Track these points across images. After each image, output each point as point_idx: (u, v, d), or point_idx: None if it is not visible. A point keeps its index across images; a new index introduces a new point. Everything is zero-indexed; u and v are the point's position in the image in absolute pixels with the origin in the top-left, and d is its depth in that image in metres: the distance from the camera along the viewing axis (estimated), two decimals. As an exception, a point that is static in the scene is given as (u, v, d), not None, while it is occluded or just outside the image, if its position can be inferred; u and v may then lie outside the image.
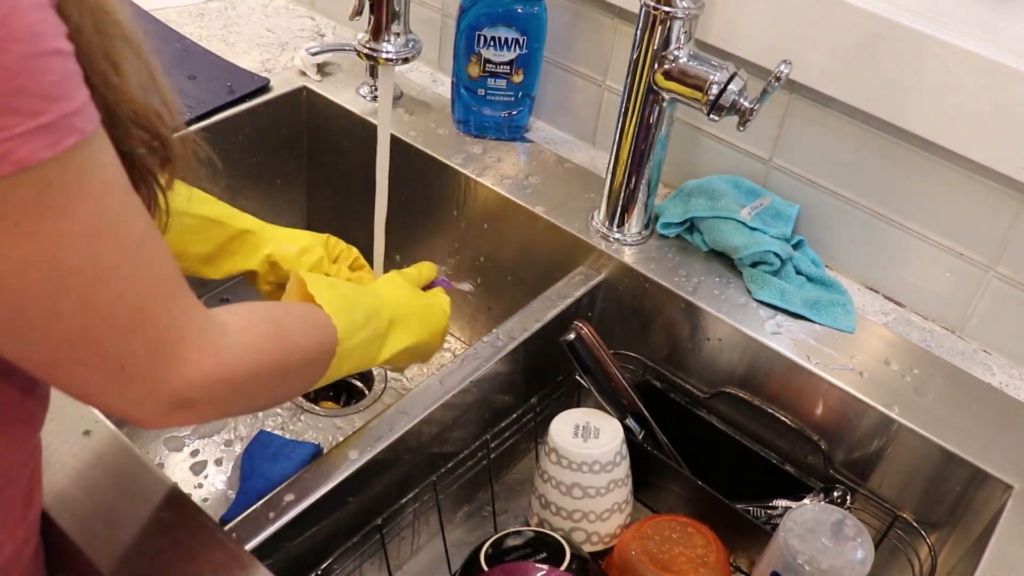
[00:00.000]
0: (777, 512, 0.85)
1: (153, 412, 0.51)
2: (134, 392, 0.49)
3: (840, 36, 0.84)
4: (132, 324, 0.47)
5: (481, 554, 0.75)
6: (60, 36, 0.42)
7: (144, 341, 0.48)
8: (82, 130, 0.43)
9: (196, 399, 0.51)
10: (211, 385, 0.52)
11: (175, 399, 0.50)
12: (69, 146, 0.42)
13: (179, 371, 0.50)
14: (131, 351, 0.48)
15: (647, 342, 0.94)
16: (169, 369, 0.50)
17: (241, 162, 1.10)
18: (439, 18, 1.15)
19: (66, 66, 0.42)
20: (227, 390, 0.54)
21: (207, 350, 0.51)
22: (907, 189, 0.88)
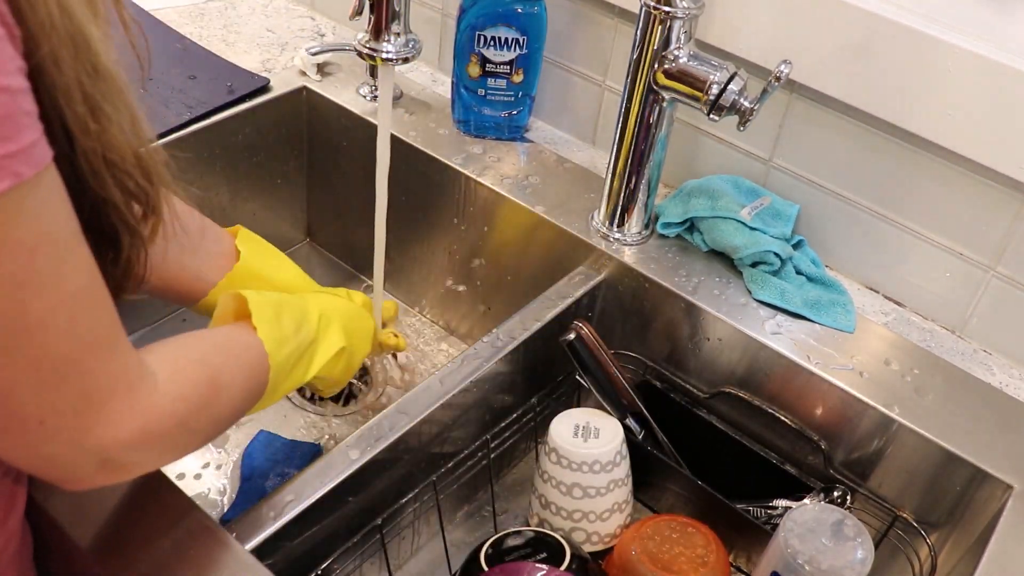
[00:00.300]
0: (777, 512, 0.85)
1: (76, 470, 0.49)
2: (54, 449, 0.47)
3: (840, 36, 0.84)
4: (56, 379, 0.45)
5: (481, 554, 0.75)
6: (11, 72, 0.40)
7: (69, 396, 0.46)
8: (18, 174, 0.40)
9: (122, 459, 0.50)
10: (139, 443, 0.50)
11: (100, 457, 0.49)
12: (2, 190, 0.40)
13: (105, 430, 0.48)
14: (53, 406, 0.46)
15: (647, 342, 0.94)
16: (95, 427, 0.48)
17: (241, 162, 1.10)
18: (439, 18, 1.15)
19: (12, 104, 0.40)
20: (155, 445, 0.52)
21: (136, 408, 0.49)
22: (907, 189, 0.88)
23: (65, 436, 0.47)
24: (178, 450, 0.56)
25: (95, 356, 0.47)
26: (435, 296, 1.14)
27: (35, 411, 0.45)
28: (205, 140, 1.04)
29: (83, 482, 0.50)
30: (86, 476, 0.50)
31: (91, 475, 0.50)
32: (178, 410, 0.53)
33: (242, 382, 0.63)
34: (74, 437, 0.47)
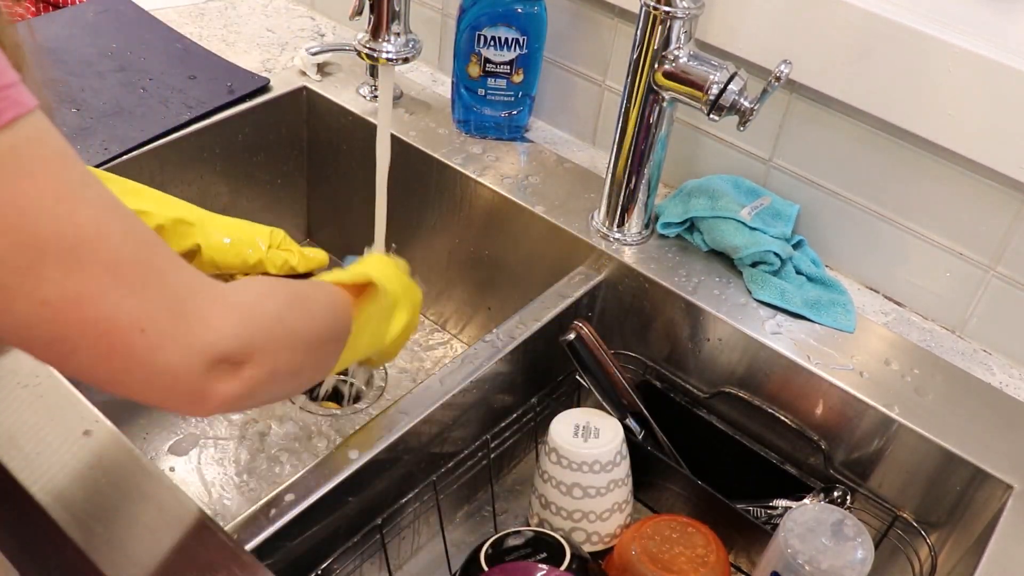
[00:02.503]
0: (777, 512, 0.85)
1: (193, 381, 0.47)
2: (165, 358, 0.45)
3: (840, 36, 0.84)
4: (138, 281, 0.45)
5: (481, 554, 0.75)
6: None
7: (157, 298, 0.45)
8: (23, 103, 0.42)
9: (234, 351, 0.48)
10: (243, 332, 0.49)
11: (212, 356, 0.47)
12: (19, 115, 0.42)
13: (208, 325, 0.47)
14: (147, 310, 0.45)
15: (647, 342, 0.94)
16: (193, 325, 0.46)
17: (241, 162, 1.10)
18: (439, 18, 1.15)
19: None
20: (261, 336, 0.50)
21: (226, 300, 0.49)
22: (907, 189, 0.88)
23: (169, 340, 0.45)
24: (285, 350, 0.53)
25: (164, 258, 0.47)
26: (435, 296, 1.14)
27: (129, 320, 0.44)
28: (205, 140, 1.04)
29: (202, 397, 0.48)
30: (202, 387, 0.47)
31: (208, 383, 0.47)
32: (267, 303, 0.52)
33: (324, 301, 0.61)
34: (178, 339, 0.46)
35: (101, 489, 0.65)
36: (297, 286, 0.58)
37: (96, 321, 0.43)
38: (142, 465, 0.67)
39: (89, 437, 0.68)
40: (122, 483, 0.65)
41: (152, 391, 0.47)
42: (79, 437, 0.68)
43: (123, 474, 0.66)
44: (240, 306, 0.50)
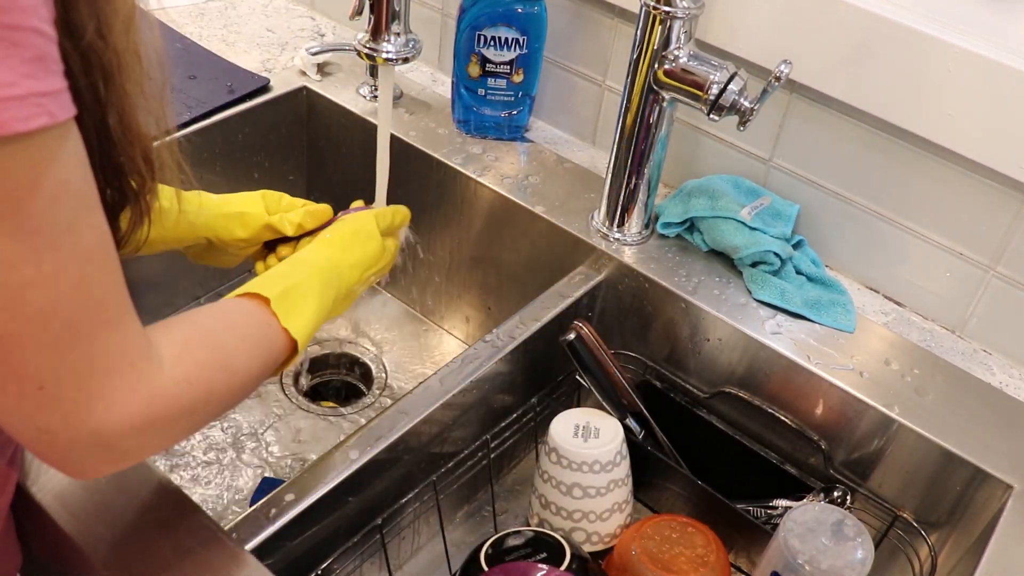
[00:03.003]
0: (777, 512, 0.85)
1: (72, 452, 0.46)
2: (51, 421, 0.45)
3: (840, 36, 0.84)
4: (61, 341, 0.43)
5: (481, 554, 0.75)
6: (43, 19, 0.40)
7: (71, 363, 0.44)
8: (53, 114, 0.40)
9: (121, 445, 0.47)
10: (139, 428, 0.47)
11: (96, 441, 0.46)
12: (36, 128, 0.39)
13: (104, 409, 0.46)
14: (54, 370, 0.44)
15: (647, 342, 0.94)
16: (93, 403, 0.45)
17: (241, 162, 1.10)
18: (439, 18, 1.15)
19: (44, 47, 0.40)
20: (157, 431, 0.49)
21: (138, 389, 0.47)
22: (907, 189, 0.88)
23: (63, 408, 0.45)
24: (179, 435, 0.53)
25: (102, 324, 0.45)
26: (435, 296, 1.14)
27: (35, 372, 0.43)
28: (205, 140, 1.04)
29: (79, 467, 0.48)
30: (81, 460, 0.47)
31: (86, 460, 0.47)
32: (183, 395, 0.50)
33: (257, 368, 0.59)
34: (71, 412, 0.45)
35: (101, 489, 0.65)
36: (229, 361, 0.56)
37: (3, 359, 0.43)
38: (142, 465, 0.67)
39: (89, 437, 0.68)
40: (122, 483, 0.65)
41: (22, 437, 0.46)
42: (79, 437, 0.68)
43: (123, 474, 0.66)
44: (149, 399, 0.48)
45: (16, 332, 0.42)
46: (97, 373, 0.45)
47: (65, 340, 0.44)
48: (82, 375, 0.45)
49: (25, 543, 0.67)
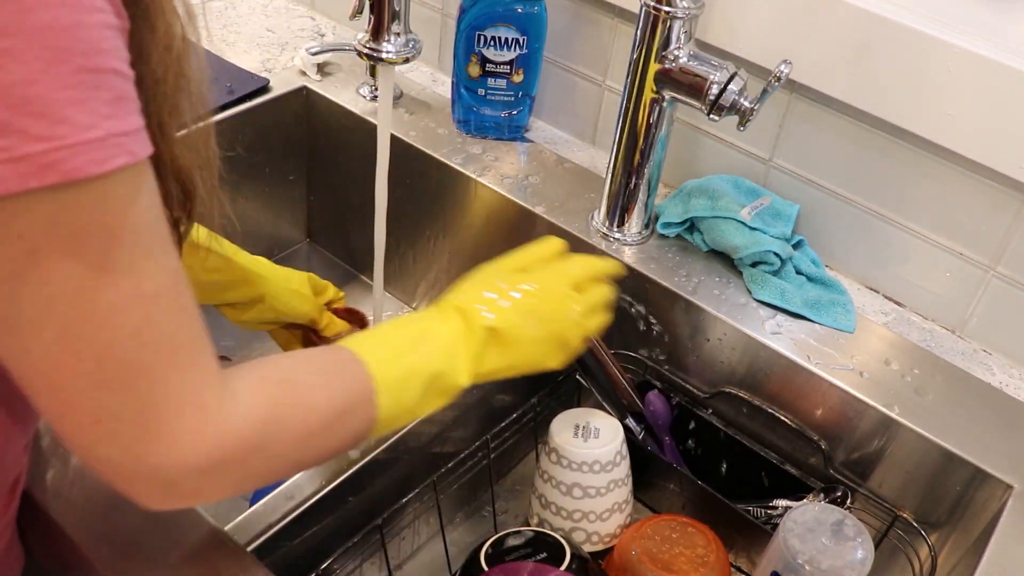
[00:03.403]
0: (777, 512, 0.85)
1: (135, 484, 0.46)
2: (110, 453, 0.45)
3: (840, 36, 0.84)
4: (119, 382, 0.43)
5: (481, 554, 0.75)
6: (121, 59, 0.41)
7: (132, 403, 0.44)
8: (133, 153, 0.41)
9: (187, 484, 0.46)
10: (206, 469, 0.46)
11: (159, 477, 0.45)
12: (118, 167, 0.40)
13: (169, 449, 0.45)
14: (111, 409, 0.44)
15: (647, 342, 0.94)
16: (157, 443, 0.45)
17: (241, 162, 1.10)
18: (439, 18, 1.15)
19: (123, 88, 0.41)
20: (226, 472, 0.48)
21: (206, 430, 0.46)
22: (907, 189, 0.88)
23: (123, 444, 0.44)
24: (254, 479, 0.50)
25: (168, 366, 0.45)
26: (435, 296, 1.14)
27: (90, 407, 0.43)
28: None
29: (144, 498, 0.47)
30: (147, 493, 0.47)
31: (155, 495, 0.47)
32: (255, 433, 0.48)
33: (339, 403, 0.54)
34: (133, 448, 0.44)
35: (101, 489, 0.65)
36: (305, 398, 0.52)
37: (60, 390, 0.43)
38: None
39: (89, 437, 0.68)
40: (122, 483, 0.65)
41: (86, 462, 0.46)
42: (79, 437, 0.68)
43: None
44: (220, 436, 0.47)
45: (71, 367, 0.43)
46: (161, 412, 0.45)
47: (121, 379, 0.43)
48: (143, 413, 0.44)
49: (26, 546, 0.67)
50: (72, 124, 0.38)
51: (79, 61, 0.38)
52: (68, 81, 0.38)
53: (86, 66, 0.39)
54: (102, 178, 0.40)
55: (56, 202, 0.39)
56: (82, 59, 0.38)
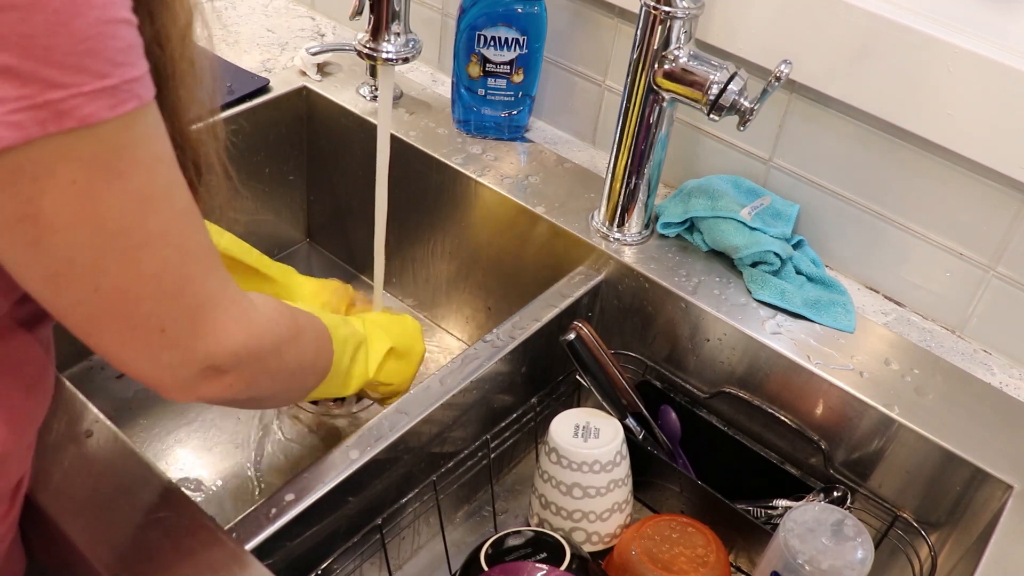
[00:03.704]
0: (777, 512, 0.85)
1: (185, 378, 0.52)
2: (170, 357, 0.51)
3: (840, 36, 0.84)
4: (175, 290, 0.50)
5: (481, 554, 0.75)
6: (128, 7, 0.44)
7: (186, 306, 0.50)
8: (141, 97, 0.45)
9: (226, 367, 0.54)
10: (241, 355, 0.54)
11: (206, 365, 0.52)
12: (129, 110, 0.44)
13: (215, 338, 0.52)
14: (172, 315, 0.50)
15: (647, 342, 0.94)
16: (206, 335, 0.52)
17: (241, 162, 1.10)
18: (439, 18, 1.15)
19: (132, 36, 0.44)
20: (254, 362, 0.56)
21: (241, 321, 0.54)
22: (907, 189, 0.88)
23: (182, 343, 0.51)
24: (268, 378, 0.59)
25: (204, 270, 0.51)
26: (435, 296, 1.14)
27: (157, 321, 0.49)
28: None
29: (187, 391, 0.53)
30: (190, 384, 0.53)
31: (196, 384, 0.53)
32: (273, 332, 0.57)
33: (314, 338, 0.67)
34: (189, 344, 0.51)
35: (101, 489, 0.65)
36: (298, 320, 0.63)
37: (130, 316, 0.49)
38: (142, 465, 0.67)
39: (90, 437, 0.68)
40: (122, 483, 0.65)
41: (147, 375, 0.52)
42: (79, 437, 0.68)
43: (123, 474, 0.66)
44: (251, 327, 0.55)
45: (137, 291, 0.48)
46: (209, 310, 0.52)
47: (177, 288, 0.50)
48: (197, 315, 0.51)
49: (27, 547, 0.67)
50: (89, 73, 0.42)
51: (96, 13, 0.41)
52: (87, 33, 0.41)
53: (102, 18, 0.42)
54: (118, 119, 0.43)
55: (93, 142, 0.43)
56: (99, 11, 0.42)
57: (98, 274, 0.47)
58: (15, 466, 0.59)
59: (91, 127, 0.42)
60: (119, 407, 0.99)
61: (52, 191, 0.43)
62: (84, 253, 0.46)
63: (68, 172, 0.43)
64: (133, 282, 0.48)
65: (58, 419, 0.69)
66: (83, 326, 0.49)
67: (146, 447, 0.96)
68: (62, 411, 0.69)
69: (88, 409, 0.70)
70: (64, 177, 0.43)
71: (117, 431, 0.69)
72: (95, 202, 0.45)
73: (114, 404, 1.00)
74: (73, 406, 0.70)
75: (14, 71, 0.40)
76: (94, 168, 0.44)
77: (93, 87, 0.42)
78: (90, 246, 0.46)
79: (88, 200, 0.44)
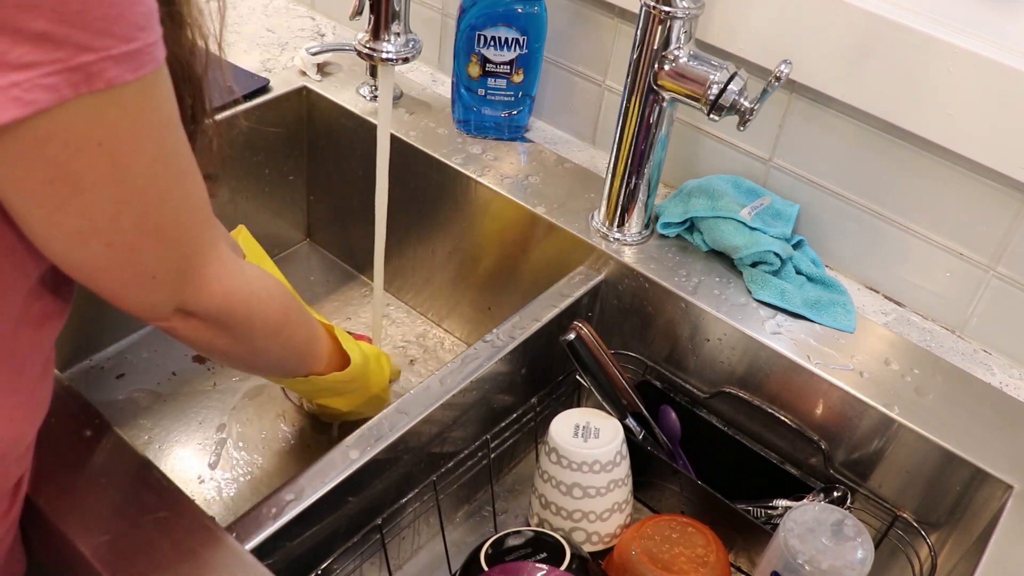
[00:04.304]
0: (777, 512, 0.85)
1: (161, 313, 0.58)
2: (155, 298, 0.56)
3: (840, 36, 0.84)
4: (173, 242, 0.54)
5: (481, 554, 0.75)
6: None
7: (179, 258, 0.55)
8: (157, 60, 0.47)
9: (196, 314, 0.59)
10: (213, 309, 0.59)
11: (181, 308, 0.58)
12: (148, 72, 0.46)
13: (194, 288, 0.57)
14: (166, 265, 0.54)
15: (647, 342, 0.94)
16: (188, 284, 0.56)
17: (241, 162, 1.10)
18: (439, 18, 1.15)
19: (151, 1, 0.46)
20: (223, 319, 0.60)
21: (222, 279, 0.59)
22: (907, 189, 0.88)
23: (168, 289, 0.56)
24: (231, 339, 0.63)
25: (200, 225, 0.56)
26: (435, 296, 1.14)
27: (153, 269, 0.54)
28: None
29: (159, 321, 0.58)
30: (164, 317, 0.58)
31: (168, 317, 0.58)
32: (251, 304, 0.62)
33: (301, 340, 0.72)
34: (173, 290, 0.56)
35: (101, 489, 0.65)
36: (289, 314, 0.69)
37: (133, 266, 0.53)
38: (142, 465, 0.67)
39: (90, 437, 0.68)
40: (122, 483, 0.65)
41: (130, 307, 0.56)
42: (80, 437, 0.68)
43: (123, 475, 0.66)
44: (229, 288, 0.59)
45: (142, 245, 0.52)
46: (196, 263, 0.56)
47: (173, 241, 0.54)
48: (186, 266, 0.56)
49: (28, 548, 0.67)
50: (116, 37, 0.44)
51: None
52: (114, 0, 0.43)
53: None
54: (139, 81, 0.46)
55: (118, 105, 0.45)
56: None
57: (113, 230, 0.49)
58: (15, 465, 0.59)
59: (117, 88, 0.44)
60: (119, 407, 0.99)
61: (83, 154, 0.45)
62: (105, 211, 0.48)
63: (96, 134, 0.45)
64: (141, 237, 0.51)
65: (58, 419, 0.68)
66: (89, 275, 0.52)
67: (146, 447, 0.96)
68: (62, 411, 0.69)
69: (88, 409, 0.70)
70: (93, 139, 0.45)
71: (117, 432, 0.69)
72: (117, 163, 0.47)
73: (114, 404, 1.00)
74: (73, 406, 0.70)
75: (48, 36, 0.41)
76: (119, 129, 0.46)
77: (120, 51, 0.44)
78: (111, 204, 0.48)
79: (112, 161, 0.47)
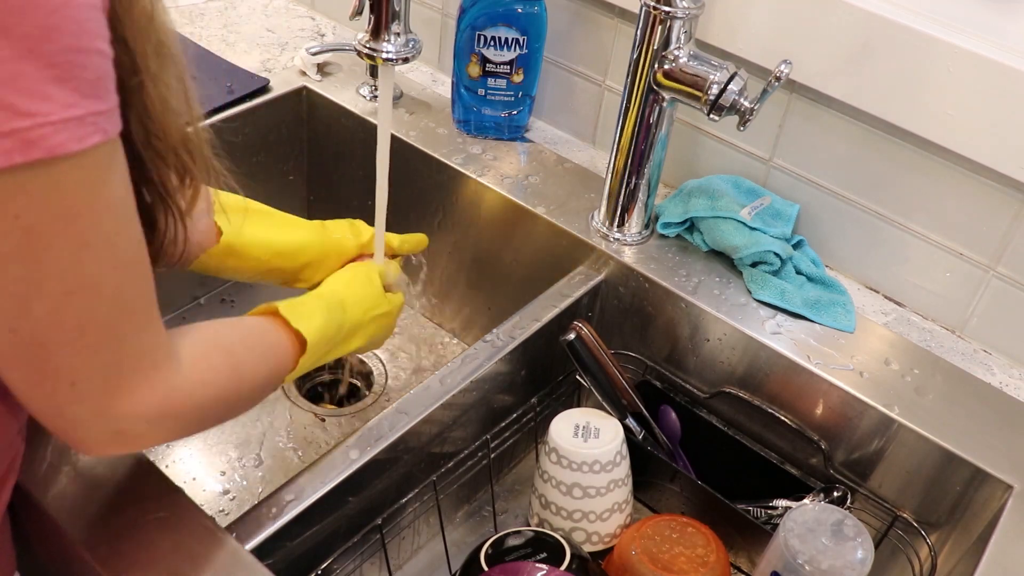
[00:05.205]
0: (777, 512, 0.85)
1: (92, 436, 0.50)
2: (78, 411, 0.49)
3: (840, 36, 0.84)
4: (95, 344, 0.47)
5: (481, 554, 0.75)
6: (104, 39, 0.43)
7: (102, 363, 0.48)
8: (106, 131, 0.43)
9: (136, 431, 0.51)
10: (155, 419, 0.52)
11: (116, 427, 0.50)
12: (92, 144, 0.42)
13: (127, 401, 0.50)
14: (86, 370, 0.47)
15: (647, 342, 0.94)
16: (118, 397, 0.49)
17: (241, 162, 1.10)
18: (439, 18, 1.15)
19: (104, 67, 0.43)
20: (170, 424, 0.53)
21: (157, 387, 0.51)
22: (907, 189, 0.88)
23: (90, 401, 0.49)
24: (189, 431, 0.57)
25: (132, 327, 0.49)
26: (435, 296, 1.14)
27: (69, 373, 0.47)
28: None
29: (95, 448, 0.52)
30: (99, 443, 0.51)
31: (104, 442, 0.51)
32: (196, 395, 0.54)
33: (263, 377, 0.63)
34: (98, 403, 0.49)
35: (101, 489, 0.65)
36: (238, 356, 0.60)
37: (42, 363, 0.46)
38: (142, 465, 0.67)
39: (89, 437, 0.68)
40: (122, 483, 0.65)
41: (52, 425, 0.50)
42: (79, 437, 0.68)
43: (123, 474, 0.66)
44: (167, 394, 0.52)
45: (56, 338, 0.46)
46: (124, 371, 0.49)
47: (98, 343, 0.47)
48: (110, 373, 0.49)
49: (27, 544, 0.67)
50: (56, 102, 0.40)
51: (66, 41, 0.40)
52: (55, 60, 0.40)
53: (72, 46, 0.40)
54: (81, 155, 0.42)
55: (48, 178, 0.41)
56: (69, 39, 0.40)
57: (19, 314, 0.44)
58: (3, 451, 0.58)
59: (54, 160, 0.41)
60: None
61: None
62: (10, 289, 0.43)
63: (15, 207, 0.41)
64: (53, 329, 0.45)
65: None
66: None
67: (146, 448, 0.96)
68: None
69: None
70: (10, 211, 0.41)
71: (117, 431, 0.69)
72: (34, 240, 0.42)
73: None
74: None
75: None
76: (43, 206, 0.42)
77: (59, 116, 0.40)
78: (18, 284, 0.43)
79: (27, 237, 0.42)
